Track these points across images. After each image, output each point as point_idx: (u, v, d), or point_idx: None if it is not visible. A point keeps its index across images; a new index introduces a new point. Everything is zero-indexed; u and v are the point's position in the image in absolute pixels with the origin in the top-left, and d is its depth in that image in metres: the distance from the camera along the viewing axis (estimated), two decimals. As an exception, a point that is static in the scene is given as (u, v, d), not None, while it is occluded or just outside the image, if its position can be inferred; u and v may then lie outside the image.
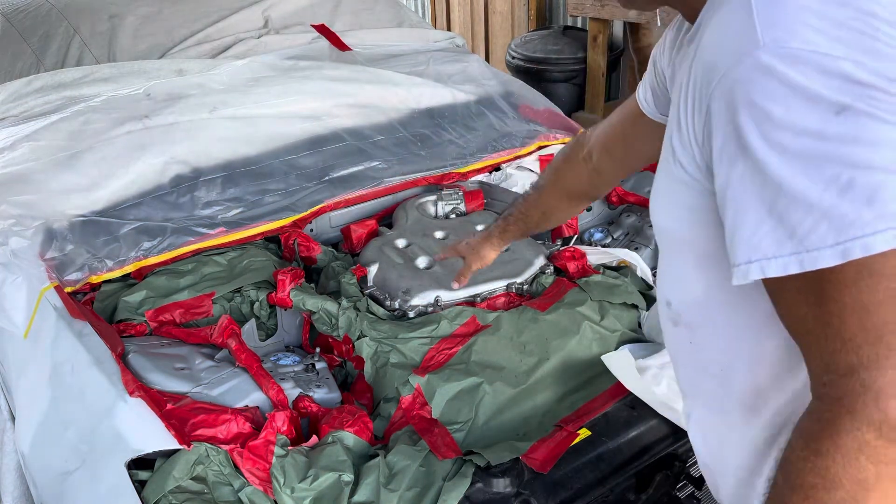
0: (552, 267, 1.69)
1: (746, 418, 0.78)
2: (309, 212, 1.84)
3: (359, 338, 1.46)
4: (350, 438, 1.23)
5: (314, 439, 1.24)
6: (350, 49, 2.50)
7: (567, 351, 1.44)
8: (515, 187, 2.08)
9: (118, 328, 1.50)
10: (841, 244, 0.55)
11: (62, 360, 1.33)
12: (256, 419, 1.24)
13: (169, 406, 1.21)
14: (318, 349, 1.51)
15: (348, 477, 1.15)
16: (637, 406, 1.32)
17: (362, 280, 1.65)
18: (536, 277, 1.65)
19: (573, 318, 1.49)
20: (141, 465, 1.15)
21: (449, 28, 5.89)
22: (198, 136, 1.95)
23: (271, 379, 1.31)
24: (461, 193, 1.98)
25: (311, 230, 1.93)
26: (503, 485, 1.15)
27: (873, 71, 0.56)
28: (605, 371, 1.40)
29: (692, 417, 0.92)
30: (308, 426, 1.31)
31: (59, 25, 2.32)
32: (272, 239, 1.85)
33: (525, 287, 1.63)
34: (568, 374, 1.42)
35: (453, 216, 1.95)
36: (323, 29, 2.57)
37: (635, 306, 1.57)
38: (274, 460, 1.14)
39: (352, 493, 1.14)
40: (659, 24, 3.82)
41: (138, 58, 2.27)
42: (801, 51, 0.56)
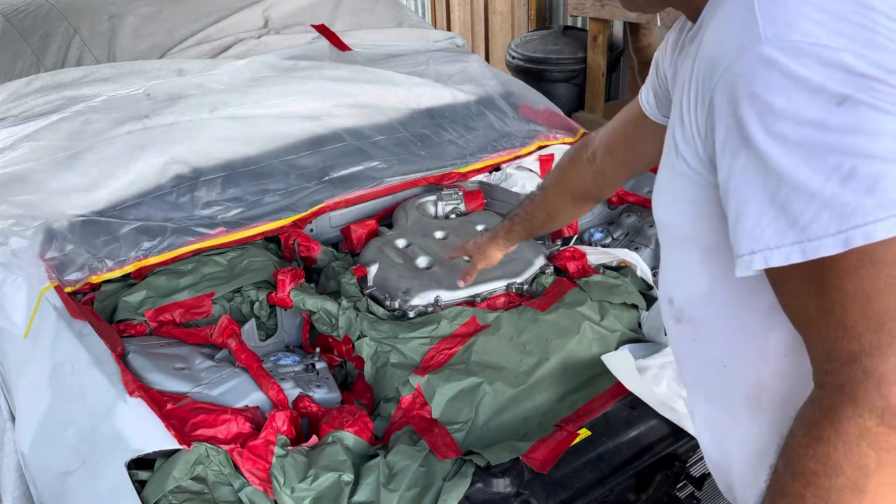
0: (552, 267, 1.69)
1: (751, 413, 0.79)
2: (309, 212, 1.84)
3: (359, 338, 1.46)
4: (350, 438, 1.23)
5: (314, 439, 1.24)
6: (350, 49, 2.50)
7: (567, 351, 1.44)
8: (515, 187, 2.08)
9: (118, 328, 1.50)
10: (843, 233, 0.56)
11: (62, 360, 1.33)
12: (256, 419, 1.24)
13: (169, 406, 1.21)
14: (318, 349, 1.51)
15: (348, 477, 1.15)
16: (637, 406, 1.32)
17: (362, 280, 1.65)
18: (536, 277, 1.65)
19: (573, 318, 1.49)
20: (141, 465, 1.15)
21: (449, 28, 5.89)
22: (198, 136, 1.95)
23: (271, 379, 1.31)
24: (461, 193, 1.98)
25: (311, 230, 1.93)
26: (503, 485, 1.15)
27: (873, 63, 0.57)
28: (605, 371, 1.40)
29: (697, 414, 0.93)
30: (308, 426, 1.31)
31: (59, 25, 2.32)
32: (272, 239, 1.85)
33: (525, 287, 1.63)
34: (568, 374, 1.42)
35: (453, 216, 1.95)
36: (323, 29, 2.57)
37: (635, 306, 1.57)
38: (274, 460, 1.14)
39: (352, 493, 1.14)
40: (659, 25, 3.83)
41: (138, 58, 2.27)
42: (803, 43, 0.57)
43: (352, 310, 1.51)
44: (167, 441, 1.13)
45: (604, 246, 1.88)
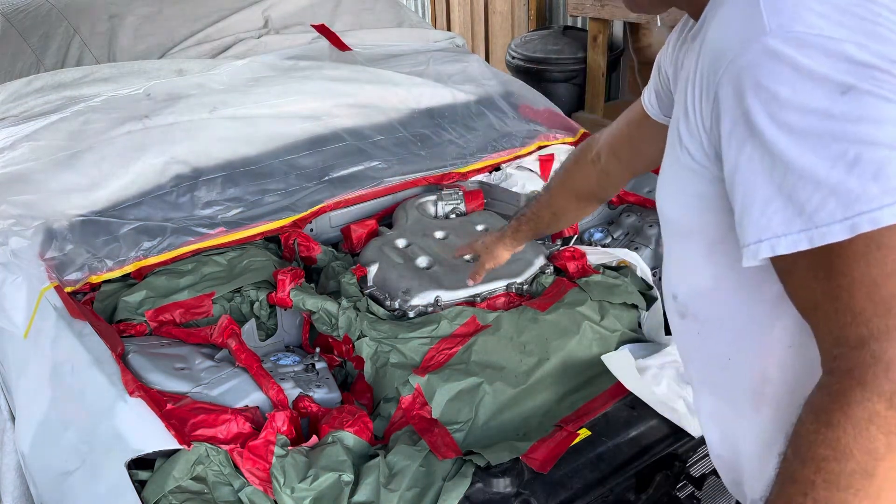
0: (552, 267, 1.69)
1: (755, 406, 0.79)
2: (309, 212, 1.84)
3: (359, 338, 1.46)
4: (350, 438, 1.23)
5: (314, 439, 1.24)
6: (350, 49, 2.50)
7: (567, 351, 1.44)
8: (515, 187, 2.08)
9: (118, 328, 1.50)
10: (849, 219, 0.57)
11: (62, 360, 1.33)
12: (256, 419, 1.24)
13: (169, 406, 1.21)
14: (318, 349, 1.51)
15: (348, 477, 1.15)
16: (637, 406, 1.32)
17: (362, 280, 1.65)
18: (536, 277, 1.65)
19: (573, 318, 1.49)
20: (141, 465, 1.15)
21: (449, 28, 5.89)
22: (198, 136, 1.95)
23: (271, 379, 1.31)
24: (461, 193, 1.98)
25: (311, 230, 1.93)
26: (503, 485, 1.15)
27: (876, 53, 0.58)
28: (605, 371, 1.40)
29: (703, 409, 0.93)
30: (308, 426, 1.31)
31: (59, 25, 2.32)
32: (272, 239, 1.85)
33: (525, 287, 1.63)
34: (568, 374, 1.42)
35: (453, 216, 1.95)
36: (323, 29, 2.57)
37: (635, 306, 1.57)
38: (274, 460, 1.14)
39: (352, 493, 1.14)
40: (659, 25, 3.83)
41: (138, 58, 2.27)
42: (807, 35, 0.58)
43: (352, 310, 1.51)
44: (167, 441, 1.13)
45: (604, 246, 1.88)
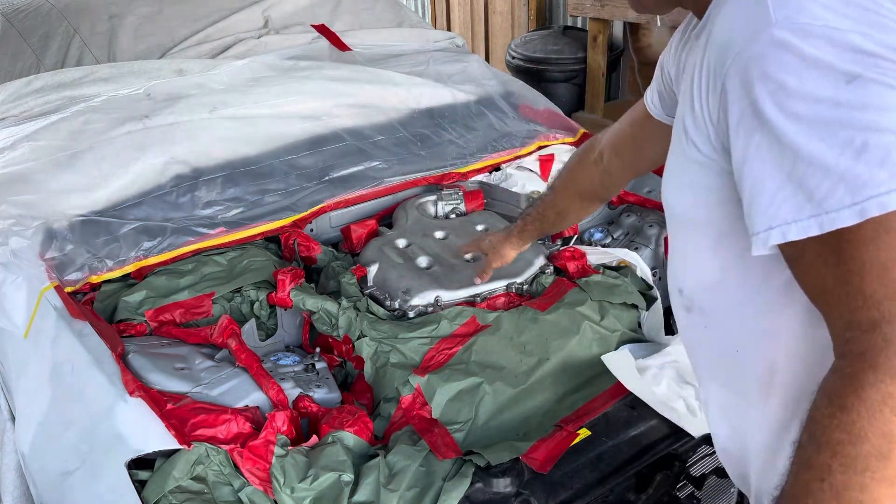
0: (552, 267, 1.69)
1: (763, 396, 0.80)
2: (309, 212, 1.84)
3: (359, 338, 1.46)
4: (350, 438, 1.23)
5: (314, 439, 1.24)
6: (350, 49, 2.50)
7: (567, 351, 1.44)
8: (515, 187, 2.08)
9: (118, 328, 1.50)
10: (858, 204, 0.58)
11: (62, 360, 1.33)
12: (256, 419, 1.24)
13: (169, 406, 1.21)
14: (318, 349, 1.51)
15: (348, 477, 1.15)
16: (637, 406, 1.32)
17: (362, 280, 1.65)
18: (536, 277, 1.65)
19: (573, 318, 1.49)
20: (141, 465, 1.15)
21: (449, 28, 5.89)
22: (198, 136, 1.95)
23: (271, 379, 1.31)
24: (461, 193, 1.98)
25: (311, 230, 1.93)
26: (503, 485, 1.15)
27: (879, 42, 0.59)
28: (605, 371, 1.40)
29: (711, 403, 0.93)
30: (308, 426, 1.31)
31: (59, 25, 2.32)
32: (272, 239, 1.85)
33: (525, 287, 1.63)
34: (568, 374, 1.42)
35: (453, 216, 1.95)
36: (323, 29, 2.57)
37: (635, 306, 1.57)
38: (274, 460, 1.14)
39: (352, 493, 1.14)
40: (659, 25, 3.83)
41: (138, 58, 2.27)
42: (812, 25, 0.60)
43: (352, 310, 1.51)
44: (167, 441, 1.13)
45: (604, 246, 1.88)
